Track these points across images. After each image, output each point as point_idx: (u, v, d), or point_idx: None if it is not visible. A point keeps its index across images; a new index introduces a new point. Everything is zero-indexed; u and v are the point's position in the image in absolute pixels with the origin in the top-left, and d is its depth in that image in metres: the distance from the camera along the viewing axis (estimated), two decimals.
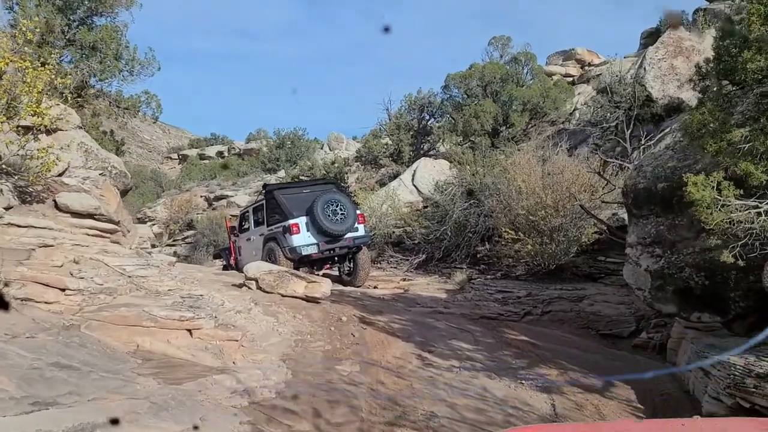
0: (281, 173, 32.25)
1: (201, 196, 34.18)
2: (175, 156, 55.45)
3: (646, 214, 7.09)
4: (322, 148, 39.71)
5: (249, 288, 8.69)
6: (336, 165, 27.41)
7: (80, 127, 8.43)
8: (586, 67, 28.24)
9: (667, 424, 1.90)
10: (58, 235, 5.90)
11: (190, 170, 44.56)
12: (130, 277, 5.78)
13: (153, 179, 40.49)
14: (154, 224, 31.97)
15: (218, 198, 32.83)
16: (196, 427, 3.54)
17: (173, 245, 28.92)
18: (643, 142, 11.43)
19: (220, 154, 51.21)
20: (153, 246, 28.74)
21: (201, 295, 6.10)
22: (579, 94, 24.17)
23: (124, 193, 9.36)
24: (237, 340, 5.29)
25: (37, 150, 6.05)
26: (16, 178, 6.15)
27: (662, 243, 6.84)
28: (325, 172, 24.56)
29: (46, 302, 4.98)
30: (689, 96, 17.12)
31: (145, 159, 54.53)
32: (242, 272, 9.46)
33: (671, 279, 6.68)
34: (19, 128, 6.29)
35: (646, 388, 6.26)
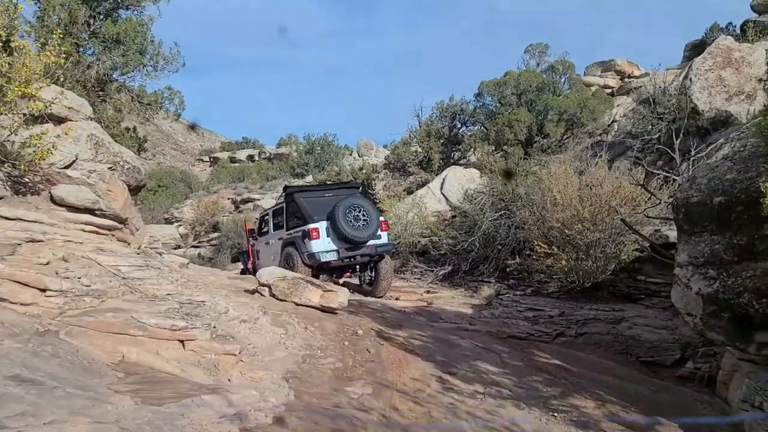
0: (309, 178, 32.00)
1: (228, 199, 34.19)
2: (206, 158, 55.96)
3: (699, 231, 6.34)
4: (351, 155, 39.55)
5: (261, 294, 8.16)
6: (364, 171, 26.96)
7: (92, 118, 8.01)
8: (626, 79, 27.34)
9: None
10: (48, 229, 5.43)
11: (219, 172, 44.82)
12: (124, 278, 5.26)
13: (182, 180, 40.69)
14: (180, 225, 31.99)
15: (245, 201, 32.79)
16: None
17: (198, 246, 28.85)
18: (692, 153, 10.60)
19: (250, 157, 51.53)
20: (178, 247, 28.68)
21: (202, 302, 5.56)
22: (618, 105, 23.30)
23: (136, 189, 8.92)
24: (235, 355, 4.72)
25: (31, 136, 5.61)
26: (6, 165, 5.71)
27: (717, 264, 6.08)
28: (352, 179, 24.09)
29: (21, 303, 4.46)
30: (738, 109, 16.22)
31: (178, 161, 55.19)
32: None
33: (727, 305, 5.92)
34: (20, 114, 5.87)
35: (696, 426, 5.54)
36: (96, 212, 6.03)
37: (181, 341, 4.62)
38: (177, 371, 4.33)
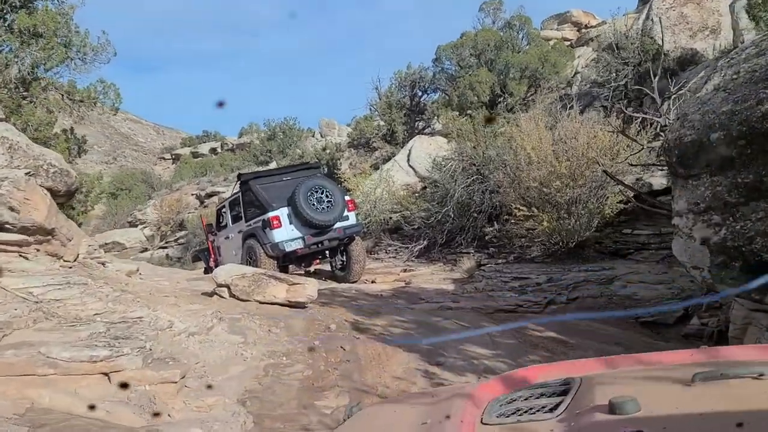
0: (273, 164, 31.00)
1: (192, 194, 33.13)
2: (168, 156, 54.34)
3: (696, 174, 5.64)
4: (314, 136, 38.62)
5: (221, 296, 7.34)
6: (328, 151, 26.05)
7: (2, 119, 7.00)
8: (584, 30, 26.73)
9: (677, 355, 1.81)
10: None
11: (182, 169, 43.47)
12: (37, 302, 4.39)
13: (144, 181, 39.42)
14: (145, 227, 30.94)
15: (209, 195, 31.76)
16: None
17: (165, 247, 27.89)
18: (673, 91, 9.96)
19: (213, 150, 50.12)
20: (145, 249, 27.63)
21: (139, 318, 4.71)
22: (579, 57, 22.71)
23: (68, 194, 7.91)
24: (175, 382, 3.90)
25: None
26: None
27: (722, 208, 5.41)
28: (316, 160, 23.18)
29: None
30: (704, 45, 15.67)
31: (140, 162, 53.70)
32: None
33: (738, 253, 5.26)
34: None
35: None
36: (4, 227, 5.12)
37: (106, 374, 3.79)
38: (101, 414, 3.50)
